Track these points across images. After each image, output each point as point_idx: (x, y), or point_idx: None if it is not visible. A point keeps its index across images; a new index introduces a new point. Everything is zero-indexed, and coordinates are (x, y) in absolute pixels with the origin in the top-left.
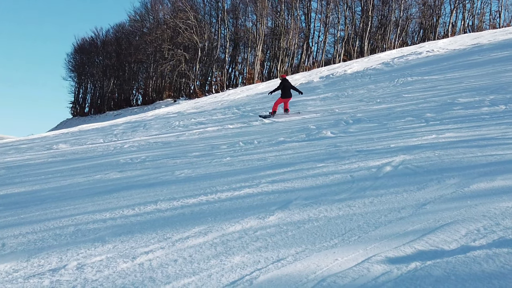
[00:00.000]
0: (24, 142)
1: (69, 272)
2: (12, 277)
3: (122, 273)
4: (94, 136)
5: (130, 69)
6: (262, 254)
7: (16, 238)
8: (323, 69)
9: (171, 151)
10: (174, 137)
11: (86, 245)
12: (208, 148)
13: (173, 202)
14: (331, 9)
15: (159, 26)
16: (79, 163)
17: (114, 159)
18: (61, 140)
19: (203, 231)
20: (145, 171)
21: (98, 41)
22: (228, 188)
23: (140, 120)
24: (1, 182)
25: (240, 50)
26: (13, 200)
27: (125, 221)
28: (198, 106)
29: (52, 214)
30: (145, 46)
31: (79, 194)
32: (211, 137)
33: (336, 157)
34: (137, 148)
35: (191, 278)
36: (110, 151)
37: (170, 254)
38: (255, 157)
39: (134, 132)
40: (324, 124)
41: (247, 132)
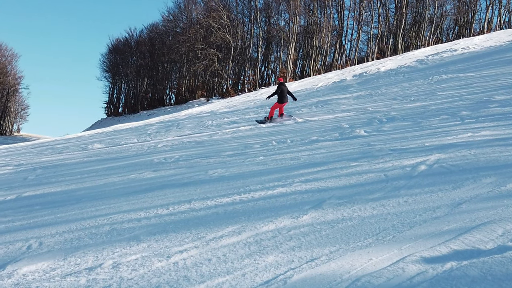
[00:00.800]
0: (60, 142)
1: (105, 270)
2: (50, 275)
3: (157, 272)
4: (128, 136)
5: (163, 69)
6: (296, 253)
7: (53, 237)
8: (356, 67)
9: (204, 151)
10: (207, 136)
11: (122, 244)
12: (241, 147)
13: (207, 202)
14: (365, 7)
15: (192, 26)
16: (113, 162)
17: (148, 158)
18: (96, 140)
19: (237, 230)
20: (179, 170)
21: (132, 41)
22: (262, 187)
23: (173, 119)
24: (38, 181)
25: (272, 49)
26: (49, 199)
27: (159, 220)
28: (231, 105)
29: (88, 213)
30: (178, 46)
31: (114, 194)
32: (244, 136)
33: (369, 156)
34: (170, 147)
35: (225, 277)
36: (144, 151)
37: (204, 253)
38: (288, 156)
39: (167, 132)
40: (357, 123)
41: (280, 131)
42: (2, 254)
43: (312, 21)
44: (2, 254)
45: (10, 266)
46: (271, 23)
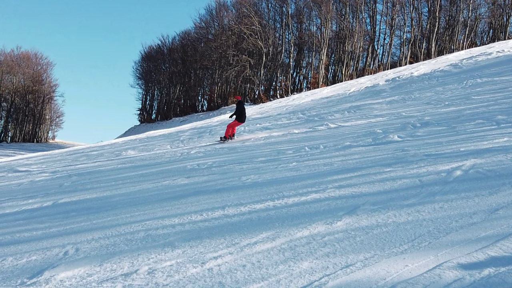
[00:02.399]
0: (94, 149)
1: (141, 276)
2: (86, 281)
3: (192, 278)
4: (162, 142)
5: (195, 76)
6: (331, 259)
7: (89, 243)
8: (389, 72)
9: (237, 157)
10: (240, 142)
11: (157, 250)
12: (274, 153)
13: (241, 208)
14: (397, 11)
15: (224, 32)
16: (147, 169)
17: (182, 165)
18: (129, 147)
19: (271, 236)
20: (212, 176)
21: (165, 48)
22: (295, 193)
23: (205, 126)
24: (74, 188)
25: (304, 55)
26: (85, 205)
27: (193, 227)
28: (263, 111)
29: (123, 220)
30: (210, 53)
31: (149, 200)
32: (277, 142)
33: (404, 161)
34: (203, 154)
35: (260, 284)
36: (177, 157)
37: (239, 259)
38: (321, 162)
39: (200, 138)
40: (390, 128)
41: (313, 137)
42: (39, 260)
43: (344, 26)
44: (40, 260)
45: (47, 272)
46: (303, 28)
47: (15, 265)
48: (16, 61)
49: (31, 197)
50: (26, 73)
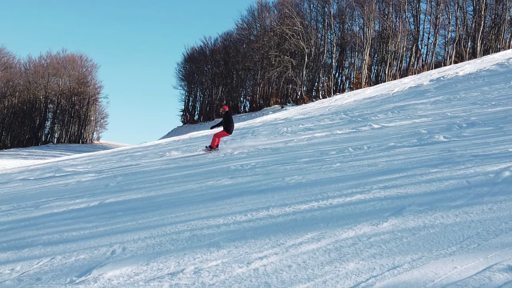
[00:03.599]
0: (138, 150)
1: (187, 276)
2: (134, 280)
3: (238, 278)
4: (204, 143)
5: (237, 77)
6: (377, 261)
7: (136, 243)
8: (433, 71)
9: (280, 157)
10: (283, 143)
11: (202, 250)
12: (317, 154)
13: (285, 208)
14: (441, 10)
15: (266, 33)
16: (191, 169)
17: (225, 165)
18: (173, 148)
19: (316, 237)
20: (256, 177)
21: (207, 50)
22: (339, 194)
23: (248, 126)
24: (119, 188)
25: (346, 55)
26: (131, 205)
27: (238, 227)
28: (305, 112)
29: (168, 220)
30: (252, 54)
31: (193, 200)
32: (320, 143)
33: (450, 162)
34: (246, 154)
35: (306, 284)
36: (221, 158)
37: (284, 260)
38: (365, 163)
39: (243, 139)
40: (435, 128)
41: (356, 138)
42: (87, 259)
43: (387, 26)
44: (88, 259)
45: (95, 271)
46: (345, 28)
47: (64, 263)
48: (62, 64)
49: (78, 197)
50: (71, 75)
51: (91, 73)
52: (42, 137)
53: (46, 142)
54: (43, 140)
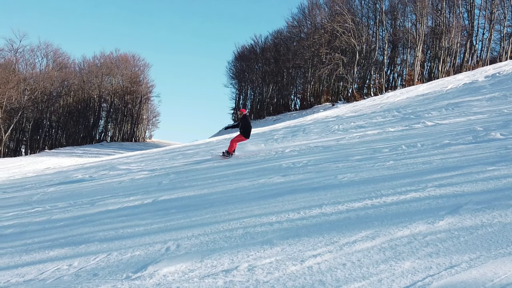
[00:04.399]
0: (190, 148)
1: (241, 273)
2: (188, 276)
3: (292, 275)
4: (256, 141)
5: (288, 75)
6: (434, 260)
7: (190, 240)
8: (488, 67)
9: (332, 155)
10: (334, 141)
11: (255, 248)
12: (370, 152)
13: (338, 206)
14: (497, 5)
15: (316, 31)
16: (243, 167)
17: (277, 163)
18: (224, 146)
19: (370, 235)
20: (308, 175)
21: (257, 48)
22: (393, 192)
23: (299, 124)
24: (172, 186)
25: (398, 51)
26: (184, 203)
27: (291, 225)
28: (357, 109)
29: (221, 217)
30: (302, 51)
31: (245, 198)
32: (372, 140)
33: (508, 159)
34: (298, 152)
35: (361, 283)
36: (272, 156)
37: (338, 258)
38: (419, 161)
39: (294, 137)
40: (492, 126)
41: (409, 135)
42: (143, 255)
43: (440, 22)
44: (143, 255)
45: (151, 267)
46: (397, 25)
47: (120, 259)
48: (115, 63)
49: (132, 195)
50: (124, 74)
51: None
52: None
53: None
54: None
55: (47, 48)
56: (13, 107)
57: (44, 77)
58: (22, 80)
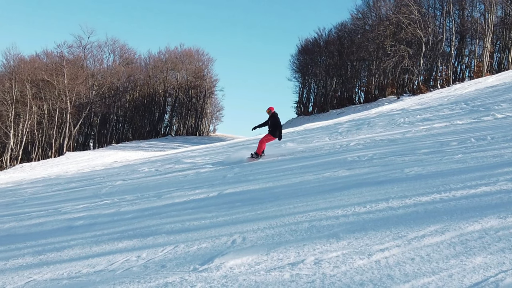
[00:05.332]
0: (254, 142)
1: (307, 266)
2: (255, 269)
3: (359, 269)
4: (320, 135)
5: (352, 67)
6: (507, 255)
7: (255, 233)
8: None
9: (398, 149)
10: (400, 134)
11: (322, 241)
12: (437, 145)
13: (405, 200)
14: None
15: (381, 23)
16: (307, 161)
17: (341, 157)
18: (288, 139)
19: (439, 230)
20: (373, 168)
21: (321, 41)
22: (463, 186)
23: (363, 117)
24: (237, 179)
25: (466, 43)
26: (249, 196)
27: (357, 218)
28: (423, 102)
29: (286, 210)
30: (367, 44)
31: (310, 191)
32: (439, 133)
33: None
34: (363, 146)
35: (430, 278)
36: (337, 149)
37: (407, 253)
38: (489, 154)
39: (358, 130)
40: None
41: (478, 128)
42: (209, 247)
43: (510, 11)
44: (210, 248)
45: (217, 259)
46: (465, 15)
47: (187, 251)
48: (179, 58)
49: (198, 188)
50: (188, 69)
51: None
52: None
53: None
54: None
55: (114, 44)
56: (81, 102)
57: (111, 73)
58: (90, 75)
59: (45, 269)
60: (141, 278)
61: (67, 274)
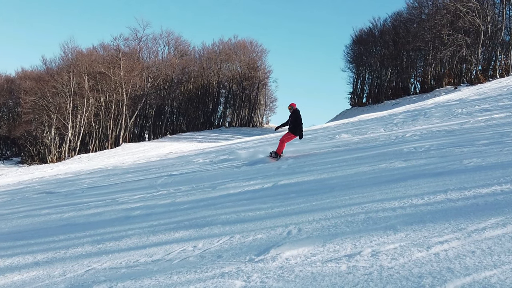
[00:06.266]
0: (308, 133)
1: (365, 258)
2: (311, 260)
3: (418, 262)
4: (374, 126)
5: (408, 57)
6: None
7: (311, 224)
8: None
9: (456, 140)
10: (458, 125)
11: (378, 233)
12: (497, 136)
13: (464, 192)
14: None
15: (438, 11)
16: (362, 152)
17: (397, 148)
18: (342, 130)
19: (501, 222)
20: (431, 160)
21: (376, 31)
22: None
23: (419, 108)
24: (291, 170)
25: None
26: (303, 187)
27: (415, 210)
28: (481, 92)
29: (341, 202)
30: (423, 33)
31: (366, 183)
32: (499, 124)
33: None
34: (419, 137)
35: (492, 271)
36: (392, 140)
37: (467, 245)
38: None
39: (414, 121)
40: None
41: None
42: (264, 238)
43: None
44: (265, 239)
45: (273, 250)
46: None
47: (243, 242)
48: (233, 50)
49: (252, 179)
50: (242, 60)
51: (261, 58)
52: (215, 121)
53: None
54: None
55: (168, 36)
56: (137, 94)
57: (166, 65)
58: (145, 67)
59: (104, 258)
60: (198, 268)
61: (125, 263)
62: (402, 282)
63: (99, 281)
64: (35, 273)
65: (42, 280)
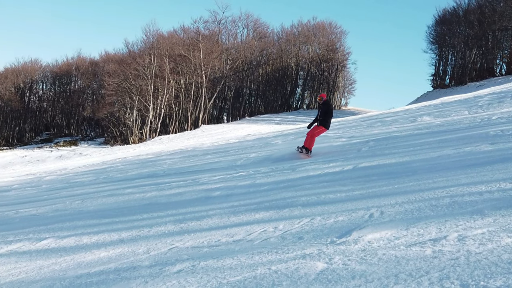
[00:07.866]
0: (388, 115)
1: (450, 243)
2: (394, 244)
3: (508, 248)
4: (458, 108)
5: (493, 38)
6: None
7: (393, 207)
8: None
9: None
10: None
11: (464, 217)
12: None
13: None
14: None
15: None
16: (445, 135)
17: (483, 131)
18: (424, 113)
19: None
20: None
21: (460, 10)
22: None
23: (506, 90)
24: (372, 153)
25: None
26: (385, 170)
27: (503, 195)
28: None
29: (425, 185)
30: (511, 12)
31: (451, 166)
32: None
33: None
34: (506, 119)
35: None
36: (477, 123)
37: None
38: None
39: (501, 103)
40: None
41: None
42: (346, 221)
43: None
44: (346, 221)
45: (355, 233)
46: None
47: (324, 224)
48: (312, 31)
49: (332, 161)
50: (321, 42)
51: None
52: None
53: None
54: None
55: (247, 19)
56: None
57: (245, 47)
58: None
59: (186, 237)
60: (279, 249)
61: (207, 243)
62: (491, 268)
63: (182, 259)
64: (120, 250)
65: (127, 257)
